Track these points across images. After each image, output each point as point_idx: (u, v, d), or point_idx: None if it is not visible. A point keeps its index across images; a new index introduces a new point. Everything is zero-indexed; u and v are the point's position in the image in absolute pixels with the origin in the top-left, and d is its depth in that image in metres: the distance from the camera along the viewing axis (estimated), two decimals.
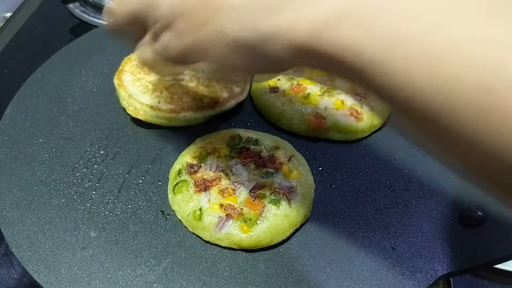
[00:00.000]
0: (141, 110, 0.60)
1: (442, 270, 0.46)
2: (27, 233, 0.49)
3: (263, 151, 0.55)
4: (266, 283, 0.46)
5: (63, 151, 0.57)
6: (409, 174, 0.56)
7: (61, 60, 0.70)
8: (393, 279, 0.46)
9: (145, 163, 0.56)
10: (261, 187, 0.51)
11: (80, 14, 0.98)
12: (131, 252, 0.48)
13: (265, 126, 0.62)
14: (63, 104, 0.63)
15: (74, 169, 0.55)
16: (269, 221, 0.48)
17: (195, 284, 0.45)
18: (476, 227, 0.50)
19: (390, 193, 0.54)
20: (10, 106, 0.62)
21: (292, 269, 0.47)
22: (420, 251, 0.48)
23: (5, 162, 0.55)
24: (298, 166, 0.54)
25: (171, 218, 0.51)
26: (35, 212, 0.51)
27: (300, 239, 0.50)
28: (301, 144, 0.59)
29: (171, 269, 0.47)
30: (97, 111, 0.63)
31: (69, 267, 0.46)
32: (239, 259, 0.48)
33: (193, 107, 0.60)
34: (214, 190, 0.51)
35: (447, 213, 0.51)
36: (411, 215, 0.51)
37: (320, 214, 0.52)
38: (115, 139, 0.59)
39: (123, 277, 0.46)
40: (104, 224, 0.50)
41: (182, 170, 0.53)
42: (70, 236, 0.49)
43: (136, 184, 0.54)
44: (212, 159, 0.54)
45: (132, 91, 0.62)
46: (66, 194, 0.53)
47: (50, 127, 0.60)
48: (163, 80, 0.63)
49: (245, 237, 0.47)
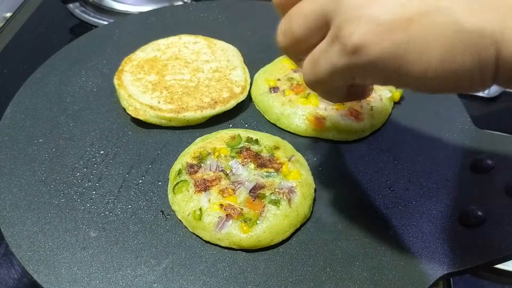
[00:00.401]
0: (141, 110, 0.60)
1: (442, 270, 0.46)
2: (27, 233, 0.49)
3: (263, 151, 0.55)
4: (266, 283, 0.46)
5: (63, 151, 0.57)
6: (409, 174, 0.56)
7: (61, 60, 0.70)
8: (393, 279, 0.46)
9: (145, 163, 0.56)
10: (261, 187, 0.51)
11: (80, 14, 0.98)
12: (131, 252, 0.48)
13: (265, 126, 0.62)
14: (63, 104, 0.63)
15: (74, 169, 0.55)
16: (269, 221, 0.48)
17: (195, 284, 0.45)
18: (476, 227, 0.50)
19: (390, 193, 0.54)
20: (10, 106, 0.62)
21: (292, 269, 0.47)
22: (420, 251, 0.48)
23: (5, 162, 0.55)
24: (298, 166, 0.54)
25: (171, 218, 0.51)
26: (35, 212, 0.51)
27: (300, 239, 0.50)
28: (301, 144, 0.59)
29: (171, 269, 0.47)
30: (97, 111, 0.63)
31: (69, 267, 0.46)
32: (239, 259, 0.48)
33: (193, 107, 0.60)
34: (214, 190, 0.51)
35: (447, 213, 0.51)
36: (411, 215, 0.51)
37: (320, 214, 0.52)
38: (115, 139, 0.59)
39: (123, 277, 0.46)
40: (104, 224, 0.50)
41: (182, 170, 0.53)
42: (70, 236, 0.49)
43: (136, 184, 0.54)
44: (212, 159, 0.54)
45: (132, 91, 0.62)
46: (66, 194, 0.53)
47: (50, 127, 0.60)
48: (163, 80, 0.64)
49: (245, 237, 0.47)
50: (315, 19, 0.34)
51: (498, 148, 0.57)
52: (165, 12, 0.80)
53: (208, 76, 0.64)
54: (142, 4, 0.99)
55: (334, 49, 0.32)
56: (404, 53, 0.29)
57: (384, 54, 0.29)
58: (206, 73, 0.65)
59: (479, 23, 0.27)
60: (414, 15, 0.28)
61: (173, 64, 0.66)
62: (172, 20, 0.78)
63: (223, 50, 0.69)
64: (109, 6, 0.98)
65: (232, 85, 0.63)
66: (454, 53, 0.28)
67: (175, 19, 0.79)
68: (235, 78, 0.64)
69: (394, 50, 0.29)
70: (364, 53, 0.30)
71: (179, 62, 0.67)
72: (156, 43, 0.70)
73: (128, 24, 0.77)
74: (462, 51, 0.28)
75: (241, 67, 0.67)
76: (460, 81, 0.29)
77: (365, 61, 0.30)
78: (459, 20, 0.27)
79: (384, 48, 0.29)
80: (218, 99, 0.61)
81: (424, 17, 0.28)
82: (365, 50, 0.30)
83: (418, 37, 0.28)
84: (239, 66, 0.66)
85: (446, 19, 0.27)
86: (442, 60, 0.28)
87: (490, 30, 0.26)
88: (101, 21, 0.96)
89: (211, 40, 0.71)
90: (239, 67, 0.66)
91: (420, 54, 0.29)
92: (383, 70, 0.31)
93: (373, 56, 0.30)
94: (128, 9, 0.98)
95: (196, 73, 0.65)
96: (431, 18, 0.28)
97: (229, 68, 0.66)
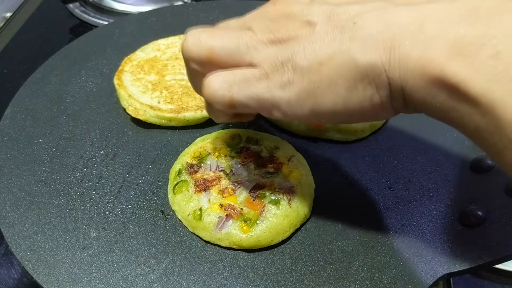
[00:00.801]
0: (141, 110, 0.60)
1: (442, 270, 0.46)
2: (27, 233, 0.49)
3: (263, 151, 0.55)
4: (266, 283, 0.46)
5: (63, 151, 0.57)
6: (409, 174, 0.56)
7: (61, 60, 0.70)
8: (393, 279, 0.46)
9: (145, 163, 0.57)
10: (261, 187, 0.51)
11: (80, 14, 0.98)
12: (131, 252, 0.48)
13: (265, 126, 0.62)
14: (63, 104, 0.63)
15: (74, 169, 0.55)
16: (269, 221, 0.48)
17: (195, 284, 0.45)
18: (476, 227, 0.50)
19: (390, 193, 0.54)
20: (10, 106, 0.62)
21: (292, 269, 0.47)
22: (420, 251, 0.48)
23: (5, 162, 0.56)
24: (298, 166, 0.54)
25: (171, 218, 0.51)
26: (35, 212, 0.51)
27: (300, 239, 0.50)
28: (301, 144, 0.59)
29: (171, 269, 0.47)
30: (97, 111, 0.63)
31: (69, 267, 0.46)
32: (239, 259, 0.48)
33: (193, 107, 0.60)
34: (214, 190, 0.51)
35: (447, 213, 0.51)
36: (411, 215, 0.51)
37: (320, 214, 0.52)
38: (115, 139, 0.59)
39: (123, 277, 0.46)
40: (104, 224, 0.50)
41: (182, 170, 0.53)
42: (70, 236, 0.49)
43: (136, 184, 0.54)
44: (212, 159, 0.54)
45: (132, 91, 0.62)
46: (66, 194, 0.53)
47: (50, 127, 0.60)
48: (163, 80, 0.64)
49: (245, 237, 0.47)
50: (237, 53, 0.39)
51: None
52: (165, 12, 0.80)
53: None
54: (142, 4, 0.99)
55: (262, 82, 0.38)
56: (318, 90, 0.35)
57: (303, 91, 0.36)
58: None
59: (371, 58, 0.33)
60: (324, 58, 0.35)
61: (173, 64, 0.66)
62: (172, 20, 0.78)
63: None
64: (109, 6, 0.99)
65: None
66: (356, 84, 0.34)
67: (175, 19, 0.79)
68: None
69: (310, 87, 0.36)
70: (289, 88, 0.37)
71: (179, 62, 0.67)
72: (156, 43, 0.70)
73: (128, 24, 0.77)
74: (361, 81, 0.34)
75: None
76: (364, 108, 0.35)
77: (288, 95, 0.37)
78: (356, 58, 0.33)
79: (303, 85, 0.36)
80: None
81: (330, 59, 0.34)
82: (290, 86, 0.36)
83: (328, 76, 0.35)
84: None
85: (346, 58, 0.34)
86: (348, 91, 0.35)
87: (379, 62, 0.33)
88: (101, 21, 0.96)
89: None
90: None
91: (330, 89, 0.35)
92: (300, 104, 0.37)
93: (295, 91, 0.36)
94: (128, 9, 0.98)
95: None
96: (335, 59, 0.34)
97: None
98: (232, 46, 0.39)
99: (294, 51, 0.36)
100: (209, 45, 0.39)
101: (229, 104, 0.39)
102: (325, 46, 0.35)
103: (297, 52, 0.36)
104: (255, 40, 0.38)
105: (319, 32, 0.35)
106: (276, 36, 0.37)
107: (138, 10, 0.96)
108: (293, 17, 0.38)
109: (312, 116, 0.37)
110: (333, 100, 0.35)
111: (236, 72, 0.39)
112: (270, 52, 0.37)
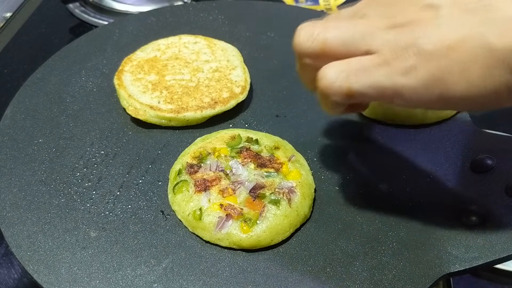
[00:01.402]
0: (141, 110, 0.60)
1: (442, 270, 0.46)
2: (27, 233, 0.49)
3: (263, 151, 0.55)
4: (266, 283, 0.46)
5: (63, 151, 0.57)
6: (409, 174, 0.56)
7: (61, 60, 0.70)
8: (393, 279, 0.46)
9: (145, 163, 0.57)
10: (261, 187, 0.51)
11: (80, 14, 0.98)
12: (131, 252, 0.48)
13: (265, 126, 0.62)
14: (63, 104, 0.63)
15: (74, 169, 0.55)
16: (269, 221, 0.48)
17: (195, 284, 0.45)
18: (476, 227, 0.49)
19: (390, 193, 0.54)
20: (10, 106, 0.62)
21: (292, 269, 0.47)
22: (420, 251, 0.48)
23: (5, 162, 0.56)
24: (298, 166, 0.54)
25: (171, 218, 0.51)
26: (35, 212, 0.51)
27: (300, 239, 0.50)
28: (301, 144, 0.59)
29: (171, 269, 0.47)
30: (97, 111, 0.63)
31: (69, 267, 0.46)
32: (239, 259, 0.48)
33: (193, 107, 0.60)
34: (214, 190, 0.51)
35: (447, 213, 0.51)
36: (411, 215, 0.51)
37: (320, 214, 0.52)
38: (115, 139, 0.59)
39: (123, 277, 0.46)
40: (104, 224, 0.50)
41: (182, 170, 0.53)
42: (70, 236, 0.49)
43: (136, 184, 0.54)
44: (212, 159, 0.54)
45: (132, 91, 0.62)
46: (66, 194, 0.53)
47: (50, 127, 0.60)
48: (163, 80, 0.64)
49: (245, 237, 0.47)
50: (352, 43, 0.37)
51: (498, 148, 0.57)
52: (165, 12, 0.80)
53: (208, 76, 0.64)
54: (142, 4, 0.99)
55: (382, 69, 0.36)
56: (448, 76, 0.33)
57: (430, 76, 0.34)
58: (206, 73, 0.65)
59: (509, 42, 0.31)
60: (453, 42, 0.33)
61: (173, 64, 0.66)
62: (172, 20, 0.78)
63: (223, 50, 0.69)
64: (109, 6, 0.99)
65: (232, 85, 0.63)
66: (492, 70, 0.32)
67: (175, 19, 0.79)
68: (235, 78, 0.64)
69: (438, 73, 0.34)
70: (414, 74, 0.34)
71: (179, 62, 0.67)
72: (156, 43, 0.70)
73: (128, 24, 0.77)
74: (498, 67, 0.32)
75: (241, 67, 0.66)
76: (500, 94, 0.33)
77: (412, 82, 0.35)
78: (491, 42, 0.32)
79: (430, 71, 0.34)
80: (218, 99, 0.61)
81: (461, 43, 0.33)
82: (415, 72, 0.34)
83: (459, 61, 0.33)
84: (239, 66, 0.66)
85: (480, 43, 0.32)
86: (482, 78, 0.33)
87: None
88: (101, 21, 0.96)
89: (211, 40, 0.71)
90: (239, 67, 0.66)
91: (462, 75, 0.33)
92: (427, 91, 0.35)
93: (421, 77, 0.34)
94: (128, 9, 0.98)
95: (196, 73, 0.65)
96: (467, 43, 0.32)
97: (229, 68, 0.66)
98: (346, 36, 0.37)
99: (417, 36, 0.34)
100: (322, 38, 0.38)
101: (347, 94, 0.37)
102: (453, 29, 0.33)
103: (421, 37, 0.34)
104: (371, 27, 0.36)
105: (445, 15, 0.34)
106: (394, 21, 0.35)
107: (138, 10, 0.96)
108: (411, 1, 0.36)
109: (439, 103, 0.35)
110: (465, 87, 0.33)
111: (353, 61, 0.37)
112: (389, 37, 0.35)
